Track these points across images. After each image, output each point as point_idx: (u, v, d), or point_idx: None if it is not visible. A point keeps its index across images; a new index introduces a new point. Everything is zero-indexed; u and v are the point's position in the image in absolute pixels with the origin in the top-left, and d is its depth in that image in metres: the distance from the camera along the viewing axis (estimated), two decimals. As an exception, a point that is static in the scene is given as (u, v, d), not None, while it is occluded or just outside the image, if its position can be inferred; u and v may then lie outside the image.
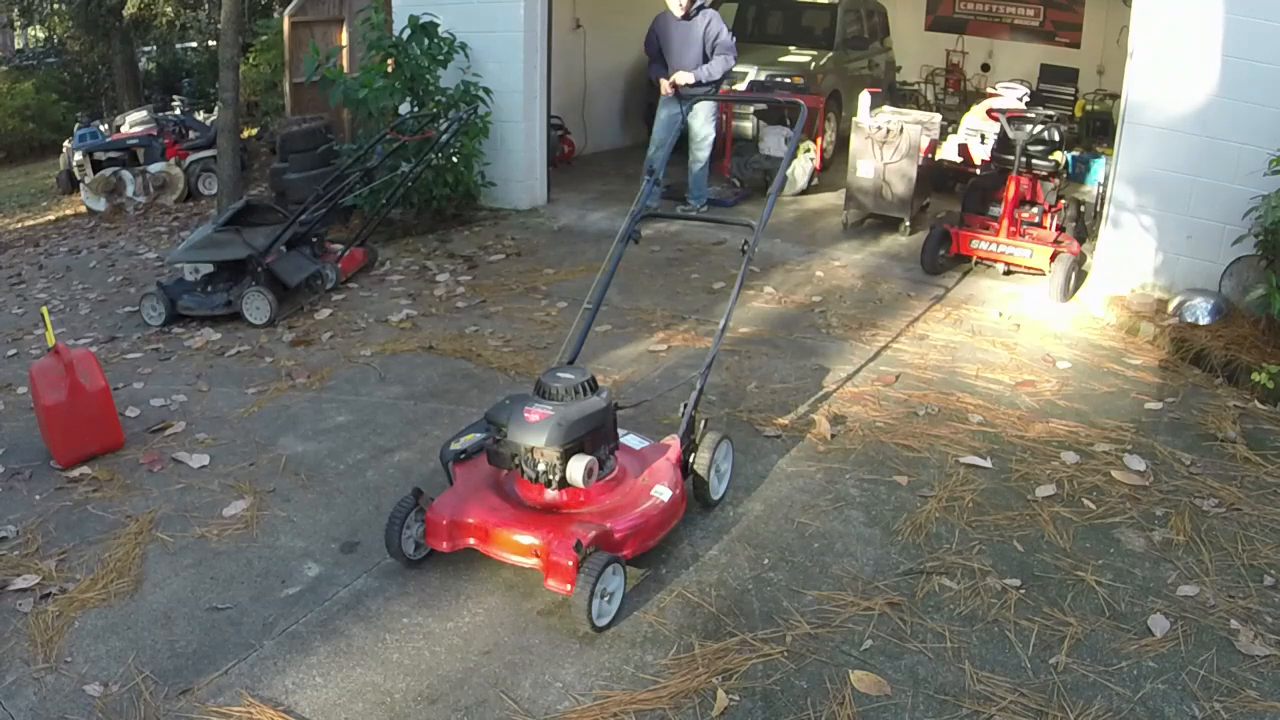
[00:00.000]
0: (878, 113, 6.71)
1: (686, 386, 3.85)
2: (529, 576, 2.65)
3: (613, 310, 4.87)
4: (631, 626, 2.50)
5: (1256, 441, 3.54)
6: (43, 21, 17.42)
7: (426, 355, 4.41)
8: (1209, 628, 2.50)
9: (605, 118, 9.95)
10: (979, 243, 5.56)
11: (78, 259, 7.07)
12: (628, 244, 3.30)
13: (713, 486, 3.00)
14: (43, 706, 2.23)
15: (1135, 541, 2.90)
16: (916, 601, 2.60)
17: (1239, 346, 4.21)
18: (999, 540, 2.90)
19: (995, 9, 12.45)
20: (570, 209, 7.26)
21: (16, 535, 2.96)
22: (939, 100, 11.59)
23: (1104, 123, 9.15)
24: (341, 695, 2.26)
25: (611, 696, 2.25)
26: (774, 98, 7.25)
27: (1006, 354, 4.40)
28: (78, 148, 9.63)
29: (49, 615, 2.55)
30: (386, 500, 3.04)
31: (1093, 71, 11.00)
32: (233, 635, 2.48)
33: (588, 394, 2.67)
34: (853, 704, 2.23)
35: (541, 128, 7.31)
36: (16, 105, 14.84)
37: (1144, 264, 4.96)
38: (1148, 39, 4.75)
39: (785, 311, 4.99)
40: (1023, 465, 3.34)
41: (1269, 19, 4.38)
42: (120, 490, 3.23)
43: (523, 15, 6.81)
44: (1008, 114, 5.61)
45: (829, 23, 9.53)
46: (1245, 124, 4.46)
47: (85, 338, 4.97)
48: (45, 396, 3.35)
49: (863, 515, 3.03)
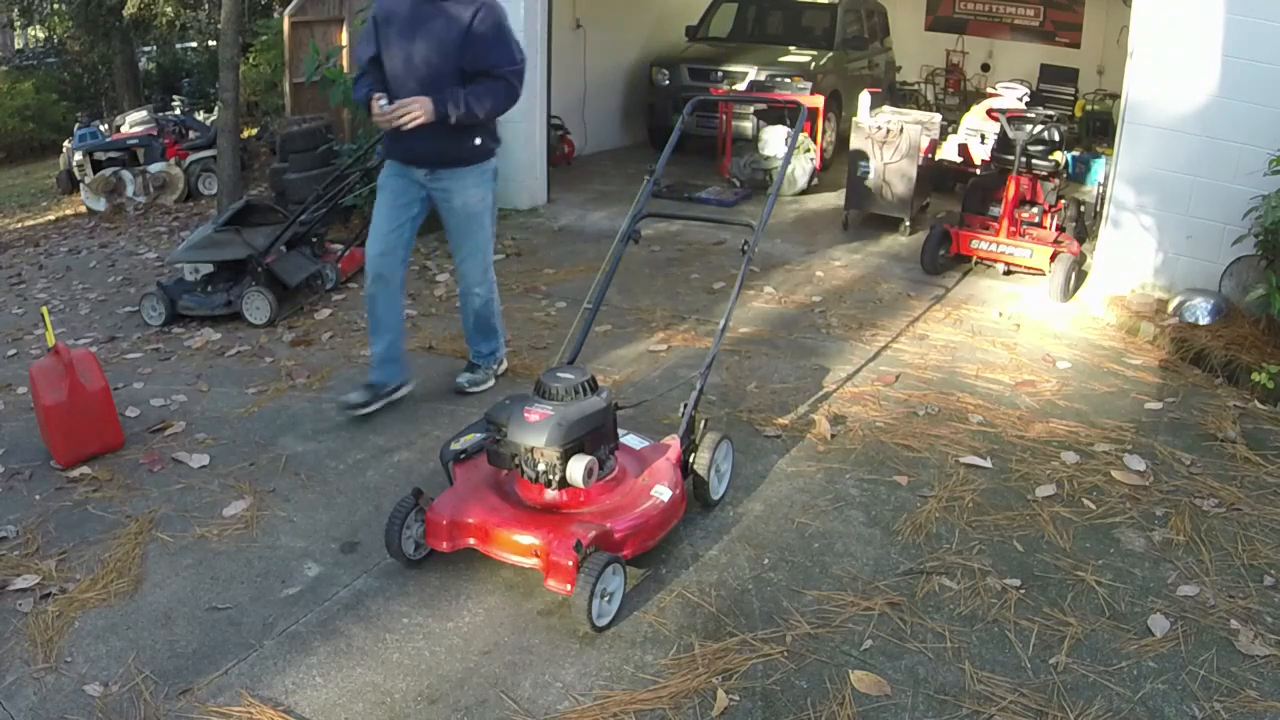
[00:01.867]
0: (878, 113, 6.72)
1: (686, 386, 3.85)
2: (529, 576, 2.65)
3: (613, 310, 4.87)
4: (631, 626, 2.50)
5: (1256, 441, 3.54)
6: (43, 21, 17.42)
7: (426, 355, 4.41)
8: (1209, 628, 2.50)
9: (605, 118, 9.95)
10: (979, 243, 5.56)
11: (78, 259, 7.07)
12: (628, 244, 3.30)
13: (713, 486, 3.00)
14: (43, 706, 2.23)
15: (1135, 541, 2.90)
16: (916, 601, 2.60)
17: (1239, 346, 4.21)
18: (999, 540, 2.90)
19: (995, 9, 12.45)
20: (570, 209, 7.26)
21: (16, 535, 2.96)
22: (939, 100, 11.60)
23: (1104, 123, 9.15)
24: (341, 695, 2.26)
25: (611, 696, 2.25)
26: (773, 98, 7.25)
27: (1006, 354, 4.40)
28: (78, 148, 9.62)
29: (49, 615, 2.55)
30: (386, 500, 3.04)
31: (1093, 71, 11.01)
32: (233, 635, 2.48)
33: (588, 394, 2.67)
34: (853, 704, 2.23)
35: (541, 128, 7.31)
36: (16, 105, 14.84)
37: (1144, 264, 4.96)
38: (1148, 39, 4.75)
39: (785, 311, 4.99)
40: (1023, 465, 3.34)
41: (1269, 19, 4.38)
42: (120, 490, 3.23)
43: (523, 15, 6.80)
44: (1008, 114, 5.62)
45: (829, 23, 9.54)
46: (1245, 124, 4.46)
47: (85, 338, 4.97)
48: (45, 396, 3.35)
49: (863, 515, 3.03)
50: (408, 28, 3.46)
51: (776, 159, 7.63)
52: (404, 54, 3.47)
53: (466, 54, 3.44)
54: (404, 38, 3.47)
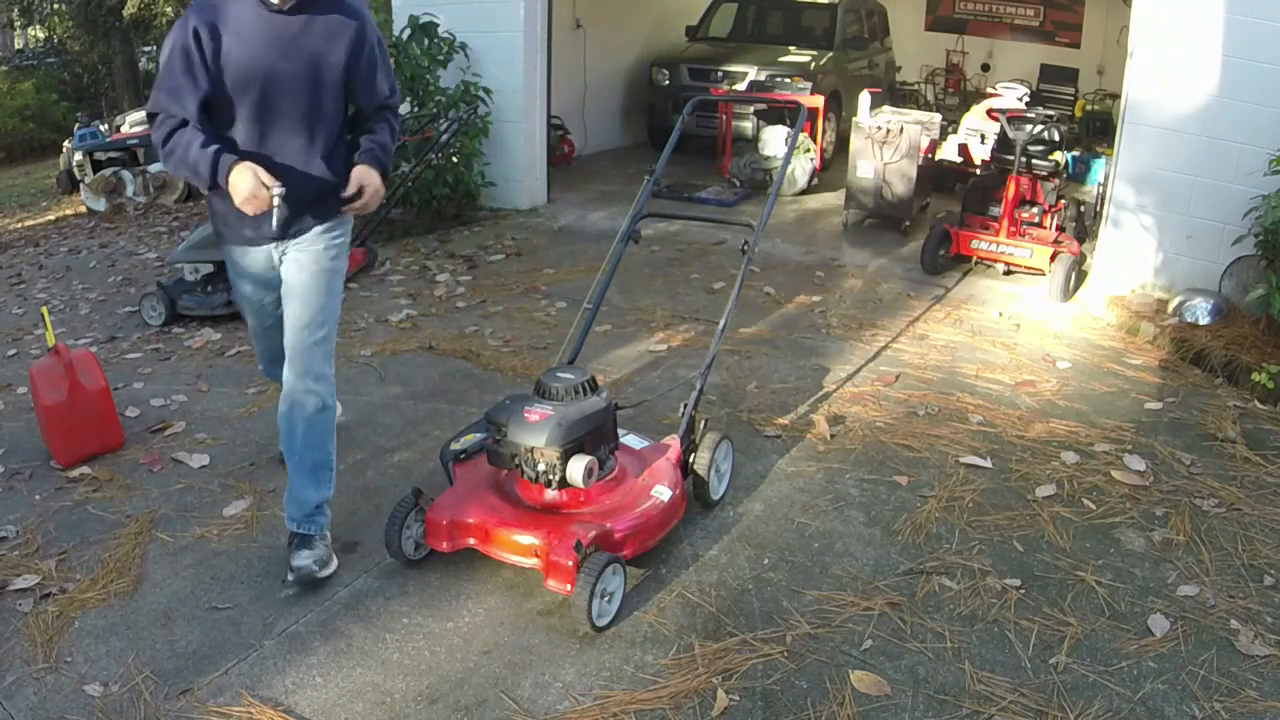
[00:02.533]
0: (878, 113, 6.72)
1: (686, 386, 3.85)
2: (529, 576, 2.65)
3: (613, 310, 4.87)
4: (631, 626, 2.50)
5: (1256, 441, 3.54)
6: (43, 21, 17.43)
7: (426, 355, 4.41)
8: (1209, 628, 2.50)
9: (605, 118, 9.95)
10: (979, 243, 5.56)
11: (78, 259, 7.07)
12: (628, 244, 3.30)
13: (713, 486, 3.00)
14: (43, 706, 2.23)
15: (1135, 541, 2.90)
16: (916, 601, 2.60)
17: (1239, 346, 4.21)
18: (999, 540, 2.90)
19: (995, 9, 12.46)
20: (570, 209, 7.26)
21: (16, 535, 2.96)
22: (939, 100, 11.61)
23: (1104, 123, 9.16)
24: (341, 695, 2.26)
25: (611, 696, 2.25)
26: (774, 98, 7.24)
27: (1006, 354, 4.40)
28: (78, 148, 9.62)
29: (49, 615, 2.55)
30: (386, 500, 3.04)
31: (1093, 71, 11.01)
32: (233, 635, 2.48)
33: (588, 394, 2.67)
34: (853, 704, 2.23)
35: (541, 128, 7.32)
36: (16, 105, 14.85)
37: (1144, 264, 4.96)
38: (1148, 39, 4.75)
39: (785, 311, 4.99)
40: (1023, 465, 3.34)
41: (1269, 19, 4.37)
42: (120, 490, 3.23)
43: (523, 15, 6.81)
44: (1008, 114, 5.62)
45: (829, 23, 9.54)
46: (1245, 124, 4.46)
47: (85, 338, 4.97)
48: (45, 396, 3.35)
49: (863, 515, 3.03)
50: (262, 50, 2.47)
51: (776, 159, 7.63)
52: (259, 91, 2.50)
53: (355, 85, 2.65)
54: (257, 64, 2.47)
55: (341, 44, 2.58)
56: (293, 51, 2.51)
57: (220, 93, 2.50)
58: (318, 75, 2.56)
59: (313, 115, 2.59)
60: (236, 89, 2.50)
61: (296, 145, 2.59)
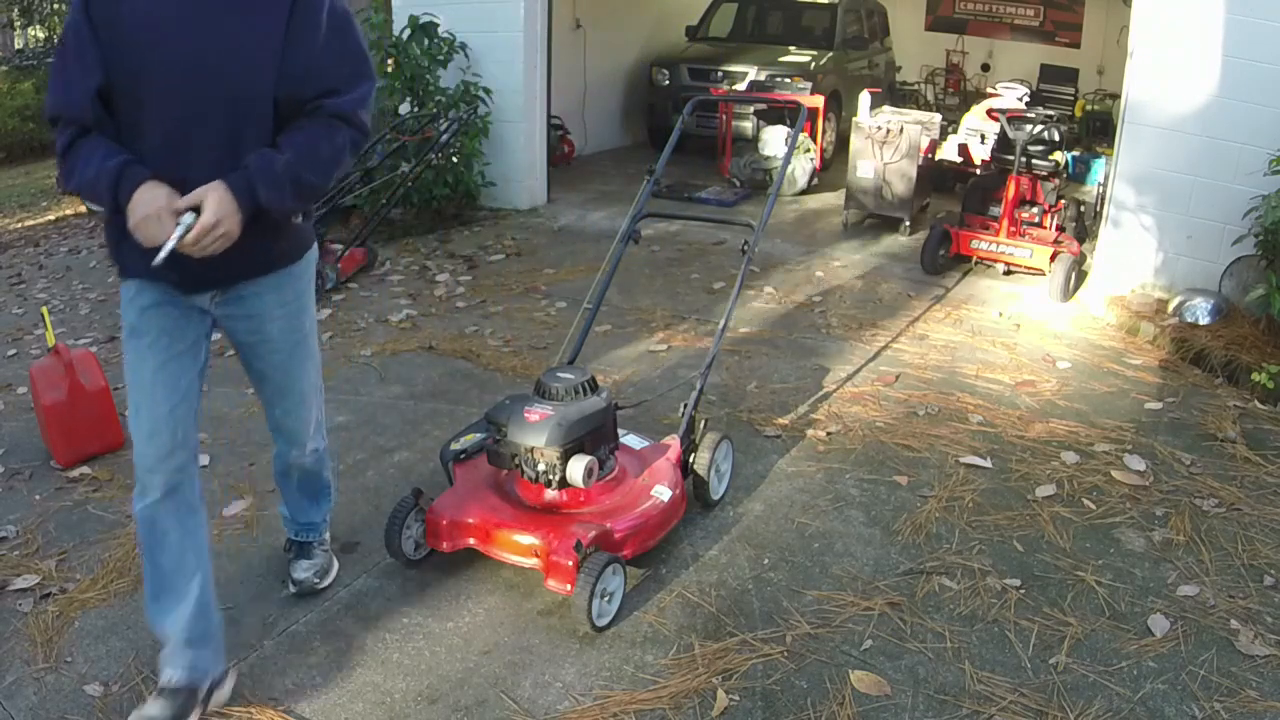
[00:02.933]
0: (878, 113, 6.72)
1: (686, 386, 3.85)
2: (529, 576, 2.65)
3: (613, 310, 4.87)
4: (631, 626, 2.50)
5: (1256, 441, 3.54)
6: (43, 21, 17.42)
7: (426, 355, 4.41)
8: (1209, 628, 2.50)
9: (605, 118, 9.95)
10: (979, 243, 5.56)
11: (78, 259, 7.07)
12: (628, 244, 3.30)
13: (713, 486, 3.00)
14: (43, 706, 2.23)
15: (1135, 541, 2.90)
16: (916, 601, 2.60)
17: (1239, 346, 4.22)
18: (999, 540, 2.90)
19: (995, 9, 12.46)
20: (570, 209, 7.26)
21: (16, 535, 2.96)
22: (939, 100, 11.61)
23: (1104, 123, 9.16)
24: (341, 695, 2.26)
25: (611, 696, 2.25)
26: (773, 98, 7.25)
27: (1006, 354, 4.40)
28: (78, 148, 9.61)
29: (49, 615, 2.55)
30: (386, 500, 3.04)
31: (1093, 71, 11.02)
32: (233, 635, 2.47)
33: (588, 394, 2.67)
34: (853, 704, 2.23)
35: (541, 128, 7.32)
36: (16, 105, 14.82)
37: (1144, 264, 4.97)
38: (1148, 39, 4.75)
39: (785, 311, 4.99)
40: (1023, 465, 3.34)
41: (1269, 19, 4.38)
42: (120, 490, 3.22)
43: (523, 15, 6.81)
44: (1008, 114, 5.62)
45: (829, 23, 9.55)
46: (1245, 124, 4.46)
47: (85, 338, 4.97)
48: (45, 396, 3.35)
49: (863, 515, 3.03)
50: (174, 30, 1.88)
51: (776, 159, 7.63)
52: (165, 80, 1.88)
53: (291, 62, 1.93)
54: (164, 48, 1.88)
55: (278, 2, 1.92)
56: (209, 12, 1.89)
57: (118, 78, 1.89)
58: (240, 47, 1.90)
59: (237, 108, 1.92)
60: (132, 70, 1.88)
61: (214, 152, 1.91)
